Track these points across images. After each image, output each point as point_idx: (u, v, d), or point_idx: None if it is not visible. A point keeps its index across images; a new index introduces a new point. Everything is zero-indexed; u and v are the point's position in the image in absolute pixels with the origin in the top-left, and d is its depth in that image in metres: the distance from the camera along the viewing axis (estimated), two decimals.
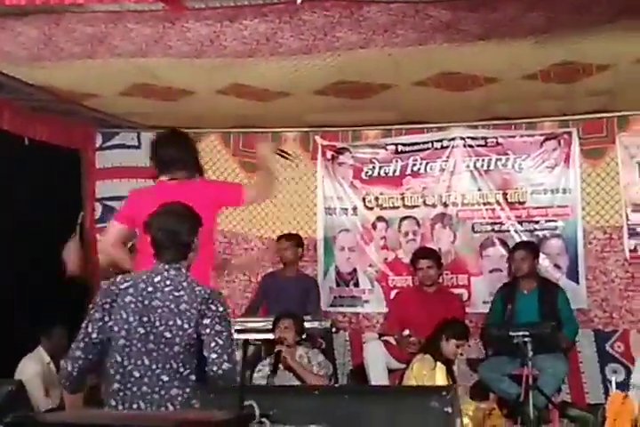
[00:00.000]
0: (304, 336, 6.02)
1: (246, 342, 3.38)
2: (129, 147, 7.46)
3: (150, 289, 3.40)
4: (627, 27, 4.96)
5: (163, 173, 4.53)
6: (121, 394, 3.34)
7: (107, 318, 3.40)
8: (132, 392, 3.32)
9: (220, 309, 3.41)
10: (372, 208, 7.31)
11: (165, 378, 3.31)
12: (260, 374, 5.85)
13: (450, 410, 2.87)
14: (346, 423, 2.72)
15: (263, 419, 2.16)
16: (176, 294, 3.39)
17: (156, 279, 3.42)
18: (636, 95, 6.35)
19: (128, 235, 4.46)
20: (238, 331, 6.20)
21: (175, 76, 5.83)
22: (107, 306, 3.41)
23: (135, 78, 5.88)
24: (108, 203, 7.31)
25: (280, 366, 5.78)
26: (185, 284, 3.43)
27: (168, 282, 3.42)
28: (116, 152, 7.46)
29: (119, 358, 3.35)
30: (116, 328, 3.37)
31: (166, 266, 3.48)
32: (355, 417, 2.76)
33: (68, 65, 5.51)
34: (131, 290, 3.40)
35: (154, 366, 3.32)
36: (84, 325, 3.44)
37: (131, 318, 3.36)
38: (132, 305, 3.37)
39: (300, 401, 2.89)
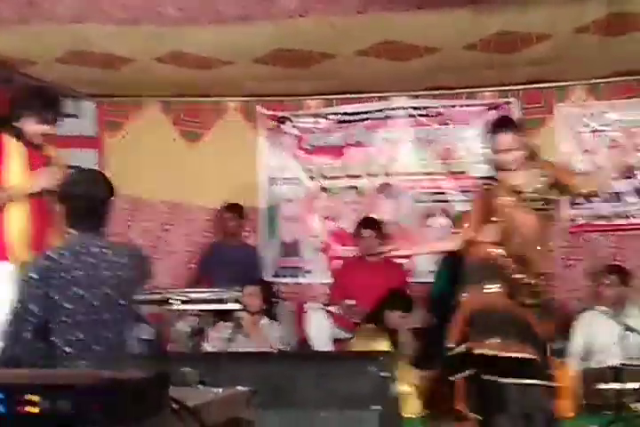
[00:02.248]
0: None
1: (167, 297, 3.40)
2: (67, 116, 7.31)
3: (94, 261, 3.33)
4: None
5: None
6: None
7: (54, 295, 3.28)
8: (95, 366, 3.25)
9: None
10: (314, 178, 7.29)
11: (119, 345, 3.36)
12: (220, 335, 5.86)
13: (386, 374, 2.88)
14: (283, 387, 2.72)
15: (199, 385, 2.14)
16: (121, 261, 3.39)
17: (93, 249, 3.36)
18: (574, 65, 6.40)
19: None
20: (183, 302, 6.18)
21: (112, 43, 5.73)
22: (53, 281, 3.28)
23: (71, 45, 5.77)
24: None
25: (240, 333, 5.81)
26: (124, 249, 3.49)
27: (106, 250, 3.38)
28: None
29: (81, 335, 3.27)
30: (70, 305, 3.27)
31: (91, 234, 3.43)
32: (292, 381, 2.76)
33: (3, 31, 5.39)
34: (76, 264, 3.31)
35: (110, 336, 3.32)
36: (18, 303, 3.30)
37: (82, 292, 3.28)
38: (83, 280, 3.29)
39: (238, 366, 2.88)
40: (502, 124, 4.64)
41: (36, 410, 1.21)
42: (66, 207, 3.47)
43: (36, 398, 1.21)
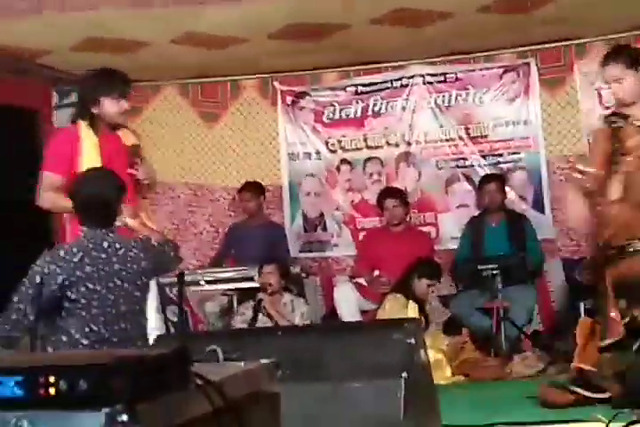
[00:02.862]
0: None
1: (181, 274, 3.44)
2: None
3: (104, 256, 3.42)
4: None
5: None
6: None
7: (66, 292, 3.38)
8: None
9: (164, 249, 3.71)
10: (335, 151, 7.29)
11: (138, 334, 3.43)
12: (242, 318, 5.91)
13: (413, 341, 2.88)
14: (309, 360, 2.74)
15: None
16: (132, 254, 3.46)
17: (104, 245, 3.44)
18: (591, 21, 6.32)
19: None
20: (208, 282, 6.25)
21: (126, 27, 5.75)
22: (65, 282, 3.37)
23: (86, 32, 5.80)
24: None
25: (261, 313, 5.84)
26: (133, 242, 3.53)
27: (118, 245, 3.46)
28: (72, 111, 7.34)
29: (95, 328, 3.36)
30: (83, 300, 3.37)
31: (103, 230, 3.49)
32: (316, 353, 2.78)
33: (17, 21, 5.42)
34: (86, 260, 3.40)
35: (129, 327, 3.40)
36: (29, 289, 3.38)
37: (98, 287, 3.38)
38: (95, 275, 3.38)
39: (265, 341, 2.91)
40: (612, 53, 4.20)
41: (54, 391, 1.24)
42: (76, 205, 3.54)
43: (53, 379, 1.23)
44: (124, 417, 1.24)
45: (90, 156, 4.09)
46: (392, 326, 2.98)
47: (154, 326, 4.22)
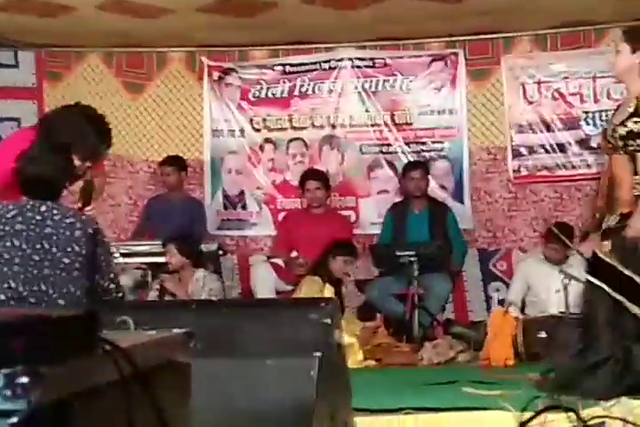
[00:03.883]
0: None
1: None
2: (5, 66, 7.13)
3: (39, 217, 3.38)
4: None
5: None
6: None
7: None
8: None
9: (105, 237, 3.62)
10: (259, 130, 7.21)
11: (62, 302, 3.35)
12: (155, 294, 5.86)
13: (329, 321, 2.85)
14: (222, 335, 2.69)
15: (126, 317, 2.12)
16: (67, 221, 3.41)
17: (42, 208, 3.41)
18: (521, 16, 6.38)
19: None
20: (124, 255, 6.12)
21: None
22: None
23: None
24: None
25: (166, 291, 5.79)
26: (72, 212, 3.49)
27: (55, 211, 3.42)
28: None
29: (14, 284, 3.32)
30: (7, 255, 3.33)
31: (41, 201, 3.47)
32: (231, 328, 2.73)
33: None
34: (19, 218, 3.37)
35: (50, 291, 3.34)
36: None
37: (24, 246, 3.34)
38: (24, 233, 3.35)
39: (177, 314, 2.84)
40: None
41: None
42: (20, 181, 3.52)
43: None
44: (25, 379, 1.16)
45: None
46: (309, 305, 2.94)
47: None
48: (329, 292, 5.90)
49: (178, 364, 1.72)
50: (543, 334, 5.26)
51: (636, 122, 3.83)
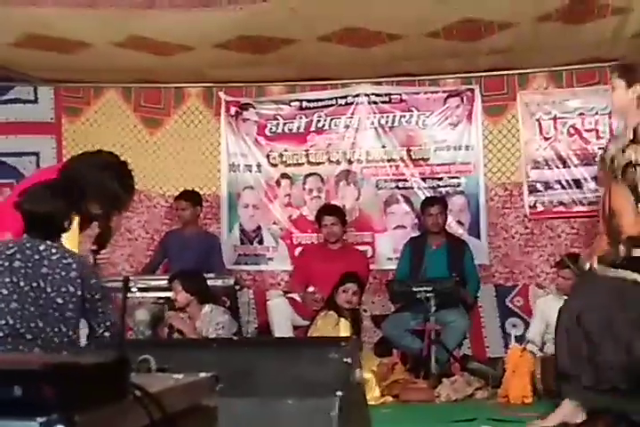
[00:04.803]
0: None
1: (127, 279, 3.38)
2: (25, 102, 7.22)
3: (37, 257, 3.41)
4: None
5: None
6: None
7: None
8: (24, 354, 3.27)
9: (101, 282, 3.62)
10: (276, 165, 7.25)
11: (57, 340, 3.36)
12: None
13: (349, 360, 2.85)
14: (243, 374, 2.69)
15: (159, 373, 2.11)
16: (64, 262, 3.43)
17: (41, 247, 3.44)
18: (536, 53, 6.42)
19: None
20: (141, 289, 6.13)
21: (69, 26, 5.64)
22: None
23: (27, 28, 5.67)
24: (3, 159, 7.11)
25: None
26: (69, 253, 3.49)
27: (54, 250, 3.45)
28: (12, 107, 7.20)
29: (11, 321, 3.33)
30: (5, 291, 3.35)
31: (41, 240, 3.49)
32: (252, 368, 2.73)
33: None
34: (18, 255, 3.40)
35: (47, 329, 3.35)
36: None
37: (22, 283, 3.36)
38: (22, 270, 3.37)
39: (198, 353, 2.84)
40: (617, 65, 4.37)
41: None
42: (23, 218, 3.53)
43: None
44: None
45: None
46: (330, 344, 2.93)
47: None
48: (344, 326, 5.89)
49: (205, 408, 1.72)
50: None
51: (635, 150, 3.87)
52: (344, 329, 5.83)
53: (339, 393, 2.69)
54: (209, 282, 6.06)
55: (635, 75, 4.04)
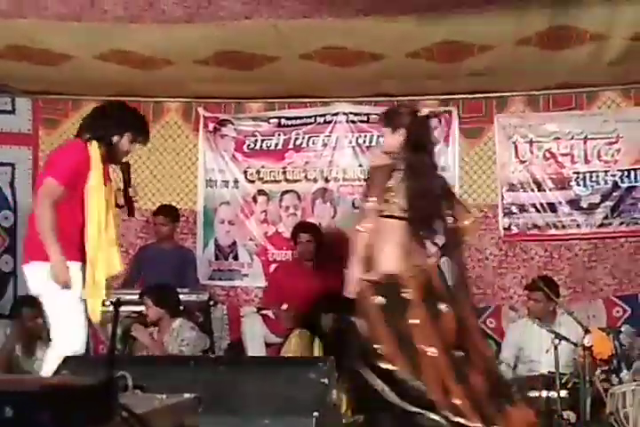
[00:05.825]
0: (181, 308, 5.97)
1: (118, 301, 3.39)
2: (3, 112, 7.18)
3: None
4: (505, 8, 5.07)
5: None
6: None
7: None
8: None
9: None
10: (253, 181, 7.26)
11: None
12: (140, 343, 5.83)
13: (326, 381, 2.87)
14: (221, 393, 2.69)
15: (136, 390, 2.11)
16: None
17: None
18: (515, 77, 6.50)
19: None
20: (114, 303, 6.09)
21: (52, 39, 5.65)
22: None
23: (9, 40, 5.67)
24: None
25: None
26: None
27: None
28: None
29: None
30: None
31: None
32: (230, 387, 2.73)
33: None
34: None
35: None
36: None
37: None
38: None
39: (175, 371, 2.84)
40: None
41: None
42: None
43: None
44: None
45: (96, 178, 4.28)
46: (307, 364, 2.95)
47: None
48: (318, 346, 5.89)
49: None
50: (535, 393, 5.26)
51: None
52: (318, 348, 5.83)
53: (315, 414, 2.70)
54: (183, 297, 6.06)
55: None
